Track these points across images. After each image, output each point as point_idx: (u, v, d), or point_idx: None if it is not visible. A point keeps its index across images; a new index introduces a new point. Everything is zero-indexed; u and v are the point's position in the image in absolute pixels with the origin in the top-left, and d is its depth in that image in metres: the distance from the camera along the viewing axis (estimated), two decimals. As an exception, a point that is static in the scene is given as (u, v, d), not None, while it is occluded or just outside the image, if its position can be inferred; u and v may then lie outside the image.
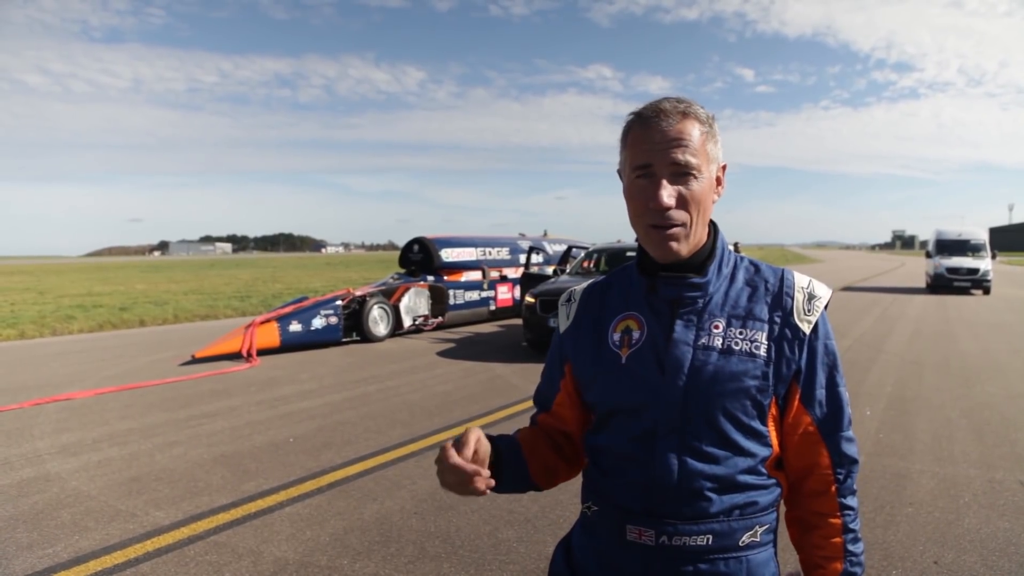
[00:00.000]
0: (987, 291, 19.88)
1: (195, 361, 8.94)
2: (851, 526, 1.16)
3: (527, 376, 7.76)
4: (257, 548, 3.36)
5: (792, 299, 1.15)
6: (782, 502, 1.20)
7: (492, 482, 1.05)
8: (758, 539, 1.12)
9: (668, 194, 1.06)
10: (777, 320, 1.14)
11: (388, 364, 8.79)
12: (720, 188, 1.16)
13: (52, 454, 4.93)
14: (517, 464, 1.21)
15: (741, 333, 1.12)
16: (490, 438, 1.16)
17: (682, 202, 1.08)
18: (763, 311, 1.14)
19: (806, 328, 1.14)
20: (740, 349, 1.10)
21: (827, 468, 1.15)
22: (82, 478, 4.40)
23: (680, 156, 1.06)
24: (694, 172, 1.07)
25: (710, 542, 1.09)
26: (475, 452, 1.07)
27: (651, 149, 1.08)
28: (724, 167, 1.16)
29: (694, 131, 1.08)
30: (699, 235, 1.12)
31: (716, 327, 1.12)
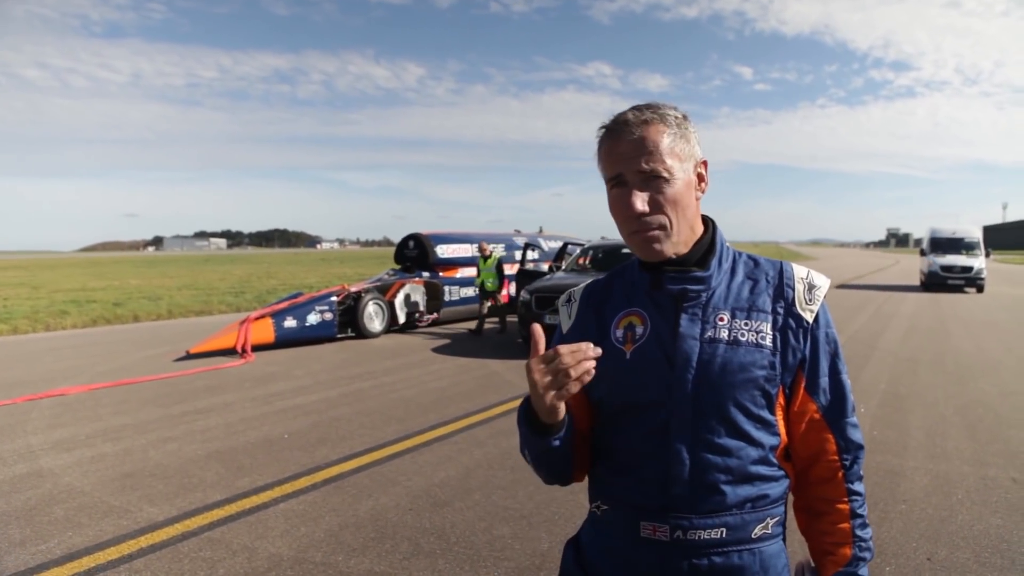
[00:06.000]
0: (981, 289, 19.98)
1: (189, 357, 8.90)
2: (859, 511, 1.17)
3: (522, 372, 7.74)
4: (251, 544, 3.35)
5: (793, 290, 1.18)
6: (790, 493, 1.21)
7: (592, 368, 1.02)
8: (769, 531, 1.14)
9: (641, 201, 1.09)
10: (780, 311, 1.16)
11: (383, 360, 8.78)
12: (703, 184, 1.18)
13: (45, 450, 4.91)
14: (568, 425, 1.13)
15: (746, 324, 1.14)
16: None
17: (656, 206, 1.10)
18: (766, 303, 1.16)
19: (809, 317, 1.17)
20: (747, 340, 1.12)
21: (834, 454, 1.17)
22: (75, 474, 4.39)
23: (646, 163, 1.09)
24: (664, 176, 1.09)
25: (724, 535, 1.10)
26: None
27: (619, 159, 1.11)
28: (705, 163, 1.18)
29: (659, 136, 1.10)
30: (683, 234, 1.14)
31: (721, 319, 1.14)
